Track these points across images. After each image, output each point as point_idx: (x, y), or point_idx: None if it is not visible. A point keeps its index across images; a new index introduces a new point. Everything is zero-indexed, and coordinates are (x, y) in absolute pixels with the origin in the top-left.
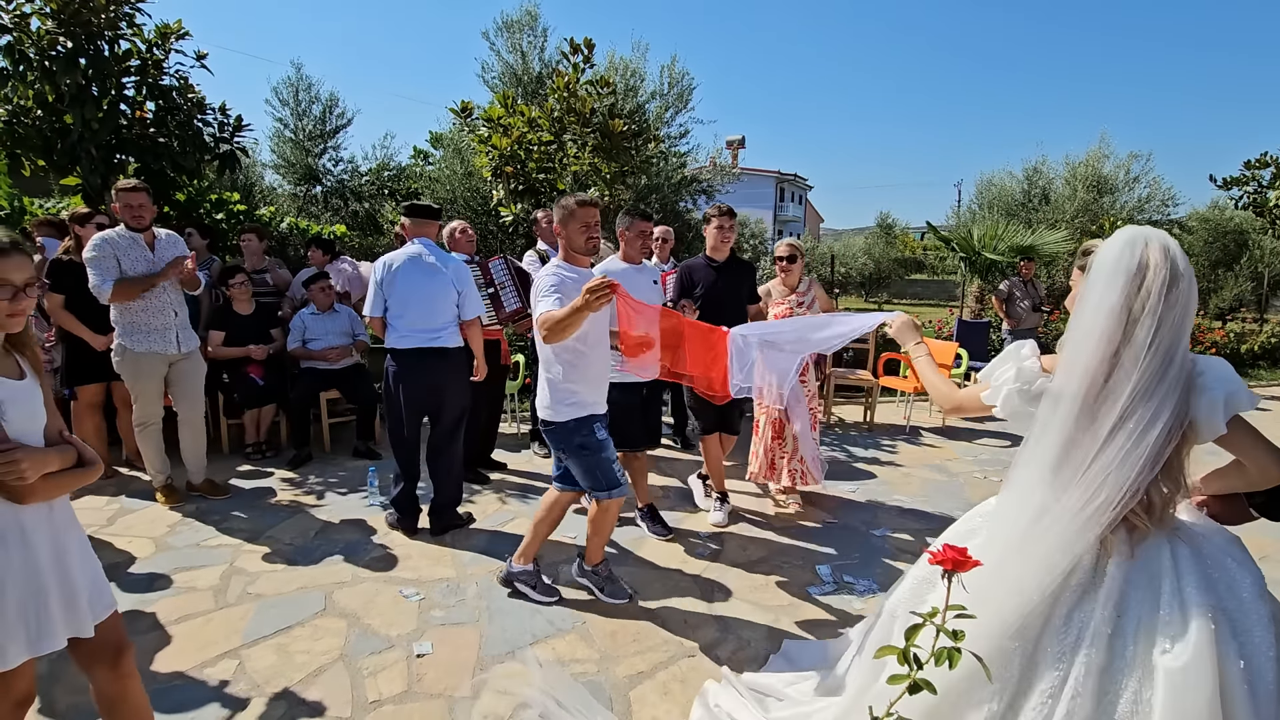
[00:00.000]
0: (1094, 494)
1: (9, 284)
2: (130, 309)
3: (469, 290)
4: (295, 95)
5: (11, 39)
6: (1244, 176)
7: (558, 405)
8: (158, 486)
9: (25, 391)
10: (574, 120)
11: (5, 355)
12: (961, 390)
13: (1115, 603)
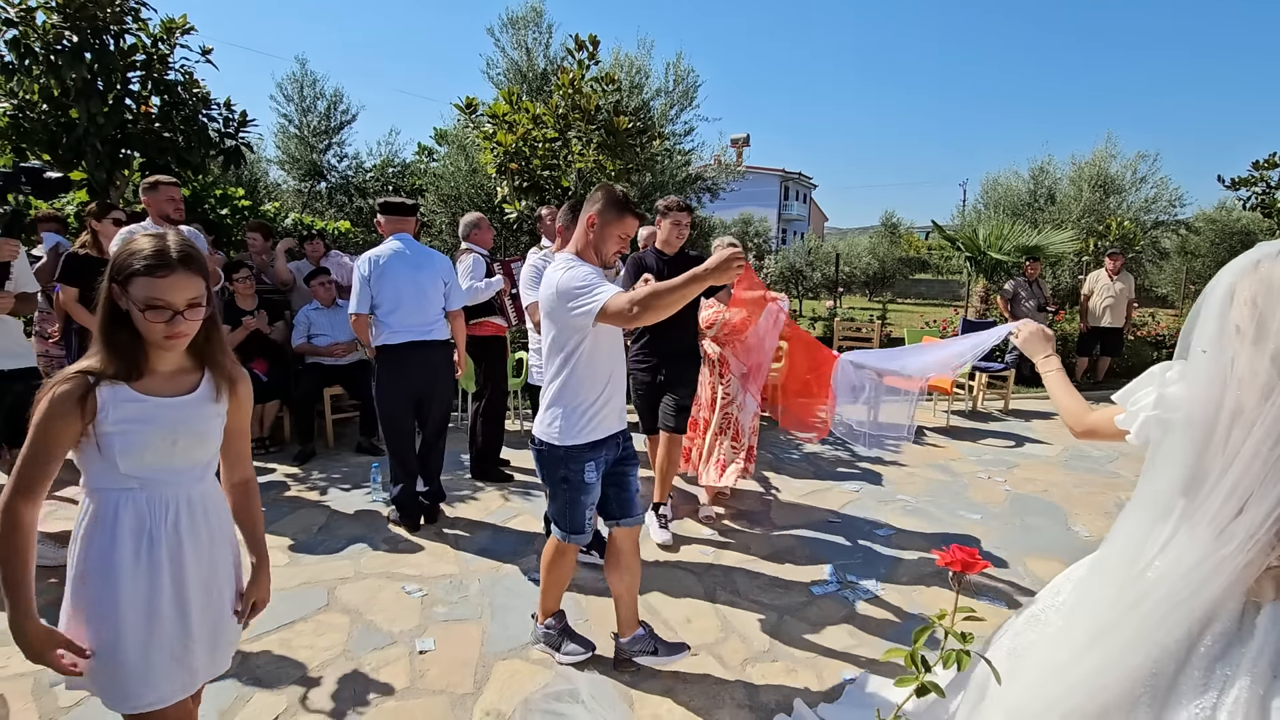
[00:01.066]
0: (1229, 531)
1: (167, 306)
2: None
3: (455, 282)
4: (300, 91)
5: (17, 33)
6: (1252, 177)
7: (559, 426)
8: None
9: (190, 409)
10: (579, 117)
11: (185, 370)
12: (1095, 413)
13: (1270, 661)
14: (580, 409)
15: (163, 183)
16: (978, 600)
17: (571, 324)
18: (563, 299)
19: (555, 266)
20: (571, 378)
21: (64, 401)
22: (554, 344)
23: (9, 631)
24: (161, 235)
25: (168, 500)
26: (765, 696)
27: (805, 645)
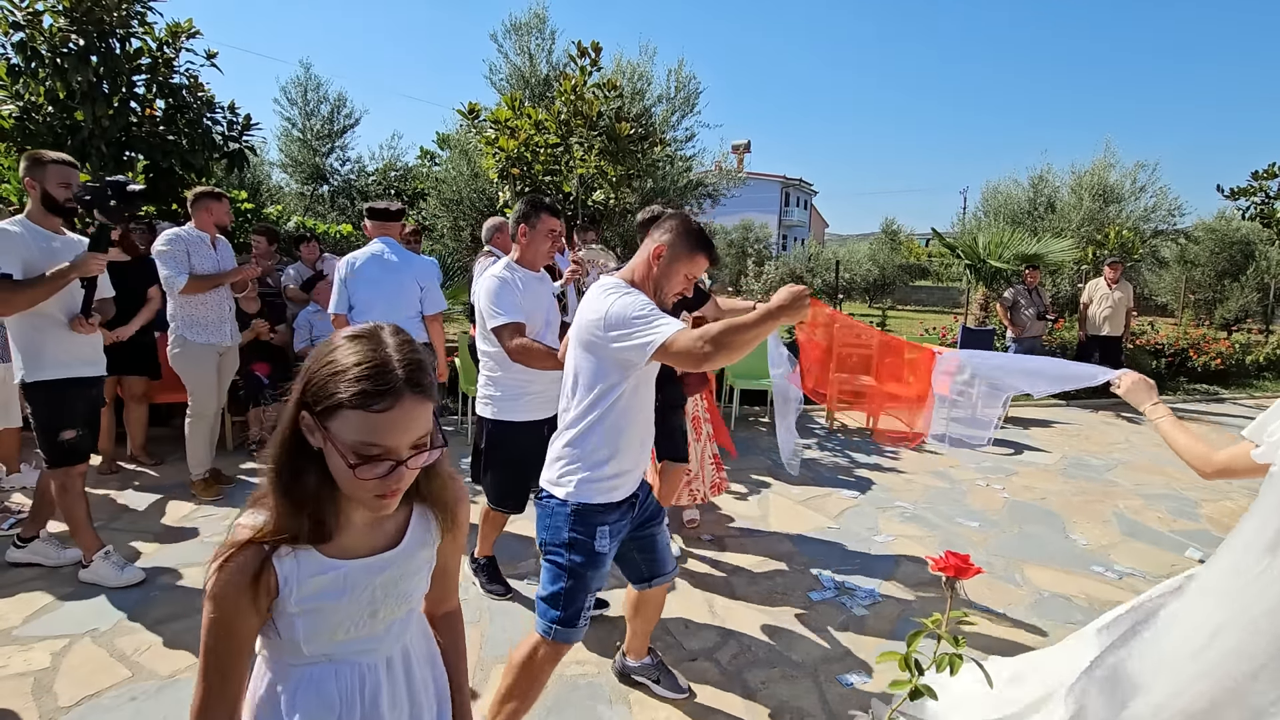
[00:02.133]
0: None
1: (387, 453)
2: (191, 302)
3: (431, 286)
4: (304, 95)
5: (24, 36)
6: (1251, 187)
7: (575, 479)
8: (197, 478)
9: (397, 566)
10: (580, 123)
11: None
12: (1224, 451)
13: None
14: (605, 462)
15: (226, 195)
16: (974, 608)
17: (616, 358)
18: (612, 327)
19: (602, 290)
20: (600, 424)
21: (235, 587)
22: (585, 381)
23: None
24: (374, 337)
25: (363, 672)
26: (762, 700)
27: (803, 651)
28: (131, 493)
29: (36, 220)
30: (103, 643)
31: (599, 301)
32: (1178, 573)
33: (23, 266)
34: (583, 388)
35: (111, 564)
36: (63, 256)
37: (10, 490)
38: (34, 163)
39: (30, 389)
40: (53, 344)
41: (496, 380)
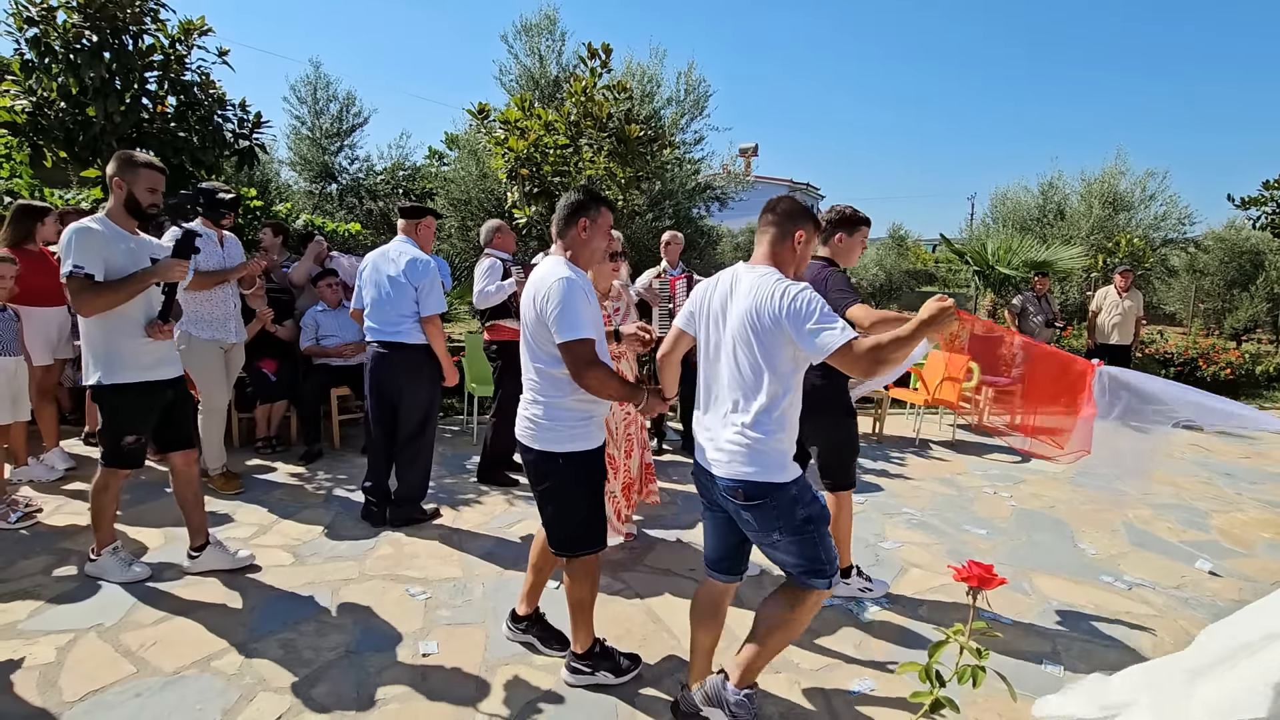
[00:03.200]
0: None
1: None
2: (196, 299)
3: (425, 287)
4: (313, 93)
5: (38, 32)
6: (1262, 197)
7: (779, 459)
8: (215, 473)
9: None
10: (590, 124)
11: None
12: None
13: None
14: (789, 442)
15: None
16: (983, 616)
17: (788, 349)
18: (793, 318)
19: (759, 276)
20: (792, 408)
21: None
22: (756, 367)
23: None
24: None
25: None
26: (769, 708)
27: (810, 656)
28: (138, 488)
29: (116, 220)
30: (108, 638)
31: (765, 289)
32: (1187, 584)
33: (104, 267)
34: (756, 375)
35: (119, 560)
36: (139, 257)
37: (18, 484)
38: (125, 163)
39: (104, 391)
40: (131, 347)
41: (561, 406)
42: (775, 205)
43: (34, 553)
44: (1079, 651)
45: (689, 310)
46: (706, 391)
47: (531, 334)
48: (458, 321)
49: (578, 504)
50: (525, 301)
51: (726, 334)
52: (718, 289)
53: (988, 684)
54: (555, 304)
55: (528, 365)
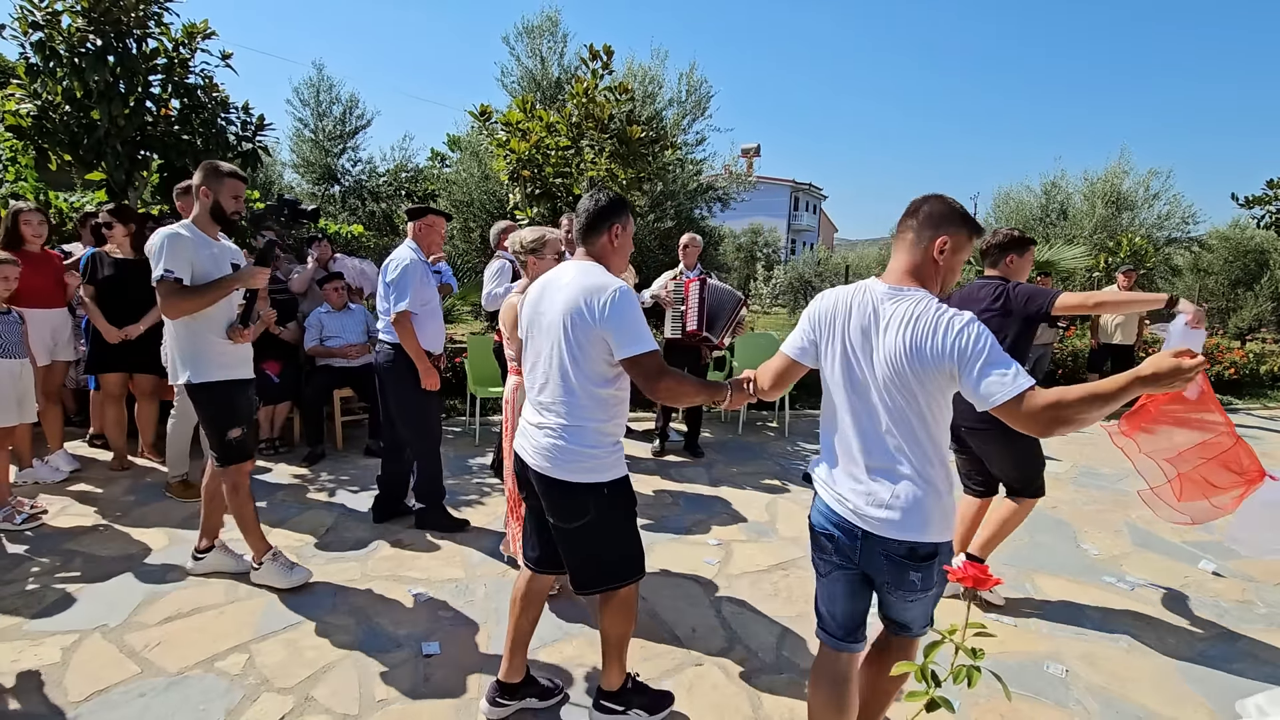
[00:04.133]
0: None
1: None
2: None
3: (393, 284)
4: (316, 96)
5: (43, 35)
6: (1266, 195)
7: (949, 510)
8: (173, 480)
9: None
10: (592, 126)
11: None
12: None
13: None
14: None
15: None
16: (985, 616)
17: (943, 392)
18: (963, 360)
19: (927, 307)
20: (946, 456)
21: None
22: (912, 416)
23: None
24: None
25: None
26: (770, 708)
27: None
28: (143, 489)
29: (202, 226)
30: (112, 639)
31: (925, 321)
32: (1191, 585)
33: (191, 271)
34: (919, 420)
35: (280, 565)
36: (221, 262)
37: (24, 484)
38: (212, 172)
39: (197, 390)
40: (216, 348)
41: (603, 430)
42: (918, 207)
43: (40, 554)
44: (1081, 652)
45: (807, 338)
46: (851, 437)
47: (572, 353)
48: (459, 323)
49: (622, 532)
50: (553, 316)
51: (875, 370)
52: (853, 314)
53: (991, 685)
54: (618, 317)
55: (553, 386)
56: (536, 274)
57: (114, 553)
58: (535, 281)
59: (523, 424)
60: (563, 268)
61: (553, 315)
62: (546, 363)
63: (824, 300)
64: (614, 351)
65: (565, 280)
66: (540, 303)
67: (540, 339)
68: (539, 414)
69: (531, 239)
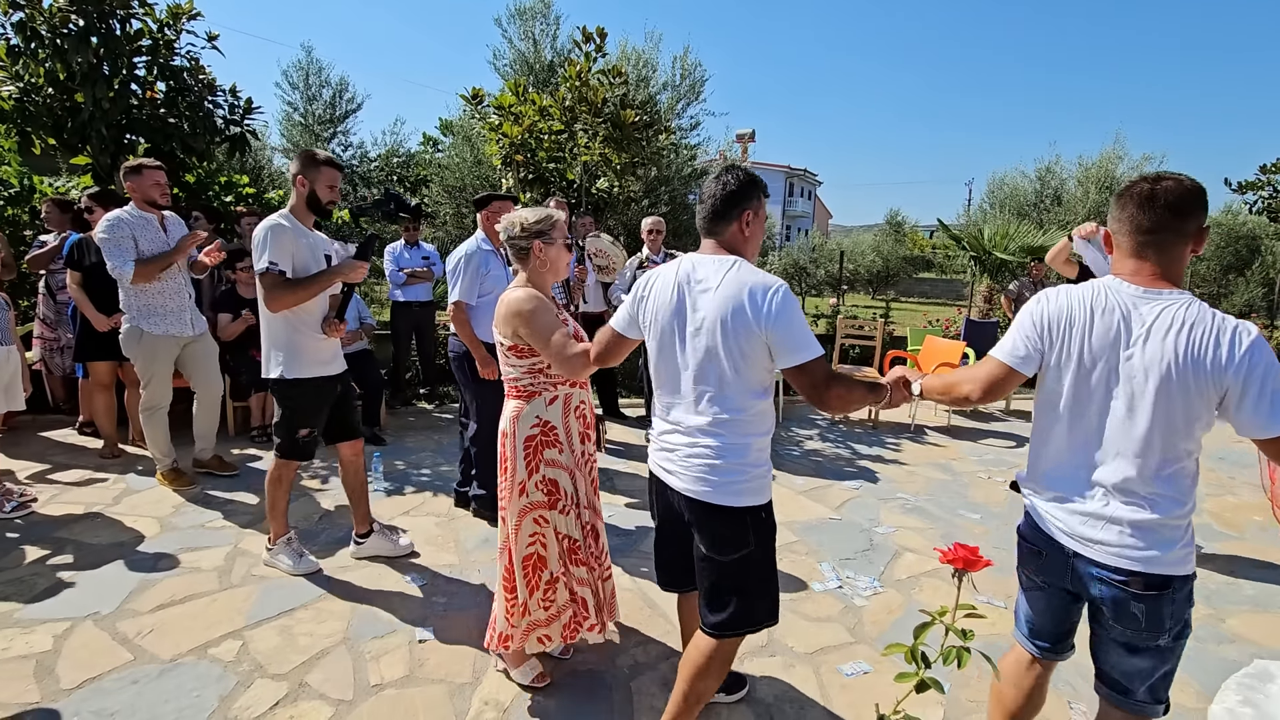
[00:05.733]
0: None
1: None
2: (146, 291)
3: (451, 276)
4: (305, 79)
5: (24, 16)
6: (1259, 181)
7: (1189, 540)
8: (163, 470)
9: None
10: (585, 110)
11: None
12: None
13: None
14: None
15: (146, 166)
16: (976, 599)
17: (1209, 410)
18: (1251, 378)
19: (1205, 314)
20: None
21: None
22: (1180, 426)
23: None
24: None
25: None
26: (763, 691)
27: (803, 641)
28: (134, 477)
29: (299, 216)
30: (104, 626)
31: (1204, 329)
32: None
33: (291, 263)
34: (1171, 433)
35: (293, 551)
36: (317, 253)
37: (12, 473)
38: (308, 161)
39: (289, 385)
40: (311, 343)
41: (760, 446)
42: (1161, 195)
43: (30, 542)
44: None
45: (1031, 345)
46: (1088, 452)
47: (733, 362)
48: None
49: (771, 565)
50: (702, 320)
51: (1125, 382)
52: (1094, 320)
53: (981, 667)
54: (787, 318)
55: (708, 400)
56: (543, 263)
57: (105, 540)
58: (644, 281)
59: (661, 442)
60: (693, 263)
61: (702, 319)
62: (697, 374)
63: (1050, 304)
64: (777, 358)
65: (708, 277)
66: (669, 305)
67: (679, 347)
68: (688, 433)
69: (536, 220)
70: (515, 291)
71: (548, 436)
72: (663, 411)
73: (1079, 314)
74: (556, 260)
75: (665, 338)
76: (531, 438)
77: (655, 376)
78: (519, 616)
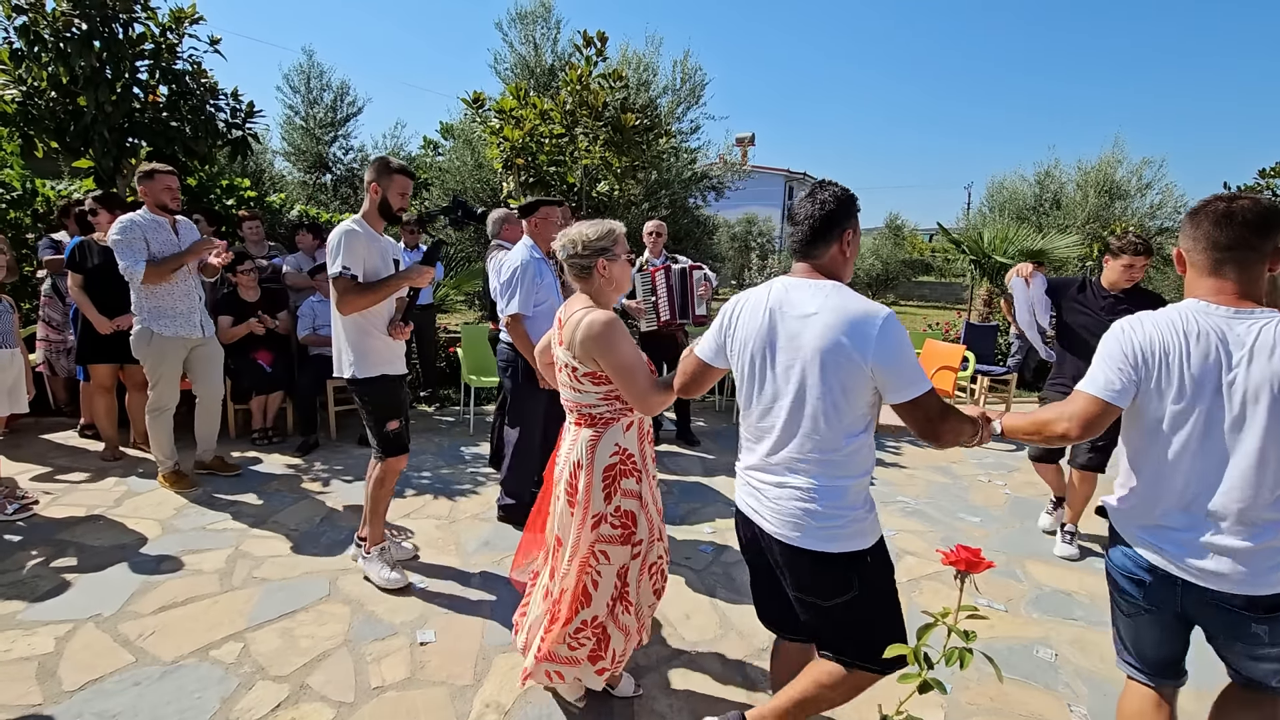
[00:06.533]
0: None
1: None
2: (156, 293)
3: (501, 289)
4: (307, 82)
5: (27, 20)
6: (1258, 185)
7: None
8: (165, 472)
9: None
10: (586, 113)
11: None
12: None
13: None
14: None
15: (159, 171)
16: (977, 601)
17: None
18: None
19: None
20: None
21: None
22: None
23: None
24: None
25: None
26: (764, 693)
27: None
28: (135, 479)
29: (370, 222)
30: (106, 628)
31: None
32: None
33: (363, 268)
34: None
35: (384, 562)
36: (386, 258)
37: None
38: (382, 169)
39: (363, 384)
40: (378, 344)
41: (861, 487)
42: (1237, 213)
43: (32, 544)
44: (1071, 637)
45: (1126, 378)
46: (1193, 477)
47: (832, 398)
48: (453, 312)
49: (890, 606)
50: (798, 352)
51: (1235, 406)
52: (1190, 345)
53: (981, 669)
54: (897, 351)
55: (801, 438)
56: (608, 281)
57: (107, 542)
58: (732, 306)
59: (748, 478)
60: (786, 288)
61: (797, 349)
62: (789, 408)
63: (1137, 333)
64: (886, 393)
65: (803, 303)
66: (759, 333)
67: (769, 378)
68: (777, 472)
69: (598, 236)
70: (595, 314)
71: (626, 465)
72: (749, 446)
73: (1172, 340)
74: (621, 276)
75: (754, 368)
76: (610, 467)
77: (743, 409)
78: (551, 644)
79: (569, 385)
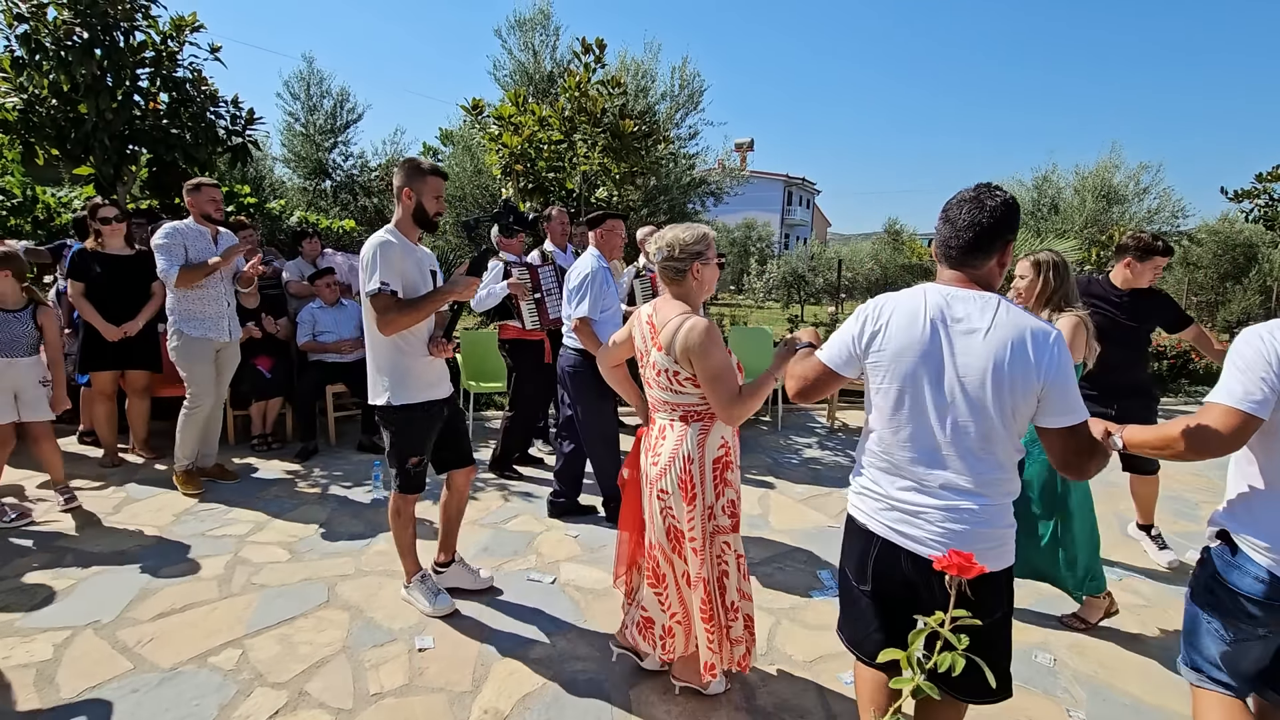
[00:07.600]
0: None
1: None
2: (188, 297)
3: (570, 294)
4: (307, 89)
5: (28, 28)
6: (1255, 190)
7: None
8: (179, 470)
9: None
10: (585, 120)
11: None
12: None
13: None
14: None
15: (205, 184)
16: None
17: None
18: None
19: None
20: None
21: None
22: None
23: None
24: None
25: None
26: (762, 699)
27: (802, 648)
28: (134, 485)
29: (404, 231)
30: (105, 635)
31: None
32: (1178, 575)
33: (401, 282)
34: None
35: (427, 589)
36: (423, 269)
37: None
38: (413, 171)
39: (391, 412)
40: (418, 366)
41: (1010, 506)
42: None
43: (30, 551)
44: (1069, 641)
45: (1269, 387)
46: None
47: (1003, 416)
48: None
49: (1010, 629)
50: (971, 367)
51: None
52: None
53: None
54: (1067, 371)
55: (970, 457)
56: (699, 283)
57: (105, 549)
58: (873, 314)
59: (895, 502)
60: (945, 298)
61: (968, 366)
62: (956, 427)
63: (1266, 340)
64: (1046, 415)
65: (970, 316)
66: (919, 345)
67: (930, 395)
68: (943, 496)
69: (693, 241)
70: (695, 321)
71: (729, 457)
72: (898, 466)
73: None
74: (711, 279)
75: (911, 383)
76: (719, 459)
77: (891, 426)
78: (720, 638)
79: (666, 387)
